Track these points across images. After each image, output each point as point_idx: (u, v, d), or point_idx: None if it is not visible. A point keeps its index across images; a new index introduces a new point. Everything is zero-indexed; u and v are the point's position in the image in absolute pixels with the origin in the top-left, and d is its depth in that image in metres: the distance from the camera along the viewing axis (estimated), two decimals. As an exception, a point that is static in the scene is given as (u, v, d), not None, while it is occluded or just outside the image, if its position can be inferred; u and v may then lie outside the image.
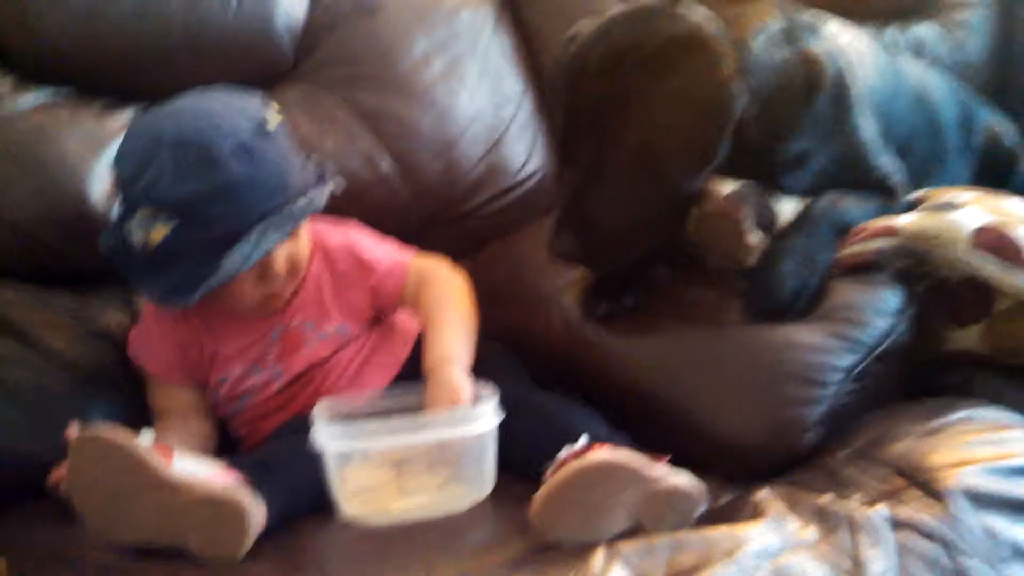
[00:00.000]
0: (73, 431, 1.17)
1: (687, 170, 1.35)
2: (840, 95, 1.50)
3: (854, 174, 1.52)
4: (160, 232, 1.25)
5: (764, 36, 1.44)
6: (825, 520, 1.14)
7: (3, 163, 1.48)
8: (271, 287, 1.34)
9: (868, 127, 1.54)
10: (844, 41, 1.59)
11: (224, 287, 1.29)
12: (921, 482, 1.18)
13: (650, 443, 1.21)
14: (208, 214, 1.24)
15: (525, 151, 1.86)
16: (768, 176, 1.46)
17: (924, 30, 2.15)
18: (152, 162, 1.25)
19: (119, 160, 1.31)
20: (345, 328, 1.41)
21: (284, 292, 1.37)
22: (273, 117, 1.34)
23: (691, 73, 1.32)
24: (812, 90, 1.46)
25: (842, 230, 1.44)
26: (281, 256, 1.32)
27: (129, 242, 1.29)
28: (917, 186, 1.62)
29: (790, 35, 1.48)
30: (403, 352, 1.43)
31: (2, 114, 1.51)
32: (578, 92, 1.38)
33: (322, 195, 1.35)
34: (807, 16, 1.57)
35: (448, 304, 1.41)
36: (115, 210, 1.33)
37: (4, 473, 1.32)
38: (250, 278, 1.32)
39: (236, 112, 1.32)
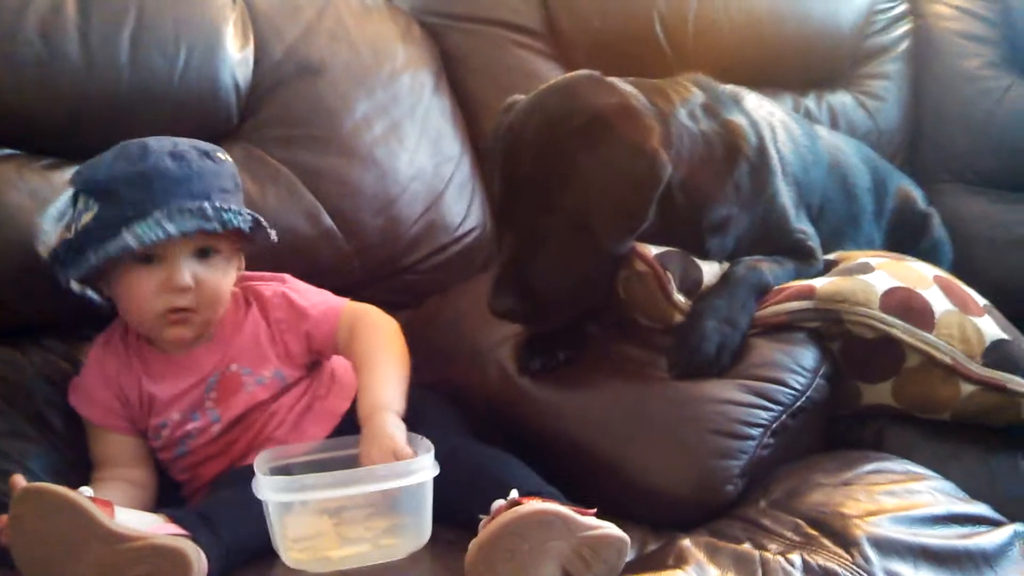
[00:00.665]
0: (17, 482, 1.20)
1: (617, 234, 1.43)
2: (760, 163, 1.59)
3: (773, 237, 1.61)
4: (87, 217, 1.37)
5: (687, 108, 1.53)
6: (743, 567, 1.20)
7: (-55, 218, 1.49)
8: (172, 300, 1.37)
9: (786, 192, 1.64)
10: (763, 112, 1.69)
11: (129, 285, 1.37)
12: (833, 531, 1.25)
13: (581, 493, 1.27)
14: (123, 195, 1.35)
15: (463, 209, 1.93)
16: (693, 241, 1.54)
17: (839, 99, 2.27)
18: (100, 159, 1.41)
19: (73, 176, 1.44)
20: (281, 373, 1.45)
21: (189, 316, 1.39)
22: (223, 154, 1.46)
23: (620, 143, 1.40)
24: (734, 159, 1.55)
25: (762, 291, 1.52)
26: (186, 270, 1.37)
27: (67, 238, 1.41)
28: (832, 248, 1.71)
29: (712, 107, 1.57)
30: (343, 404, 1.46)
31: (-53, 170, 1.53)
32: (514, 160, 1.45)
33: (242, 217, 1.40)
34: (727, 89, 1.67)
35: (380, 348, 1.45)
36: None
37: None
38: (153, 281, 1.37)
39: (187, 139, 1.45)
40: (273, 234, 1.47)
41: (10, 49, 1.58)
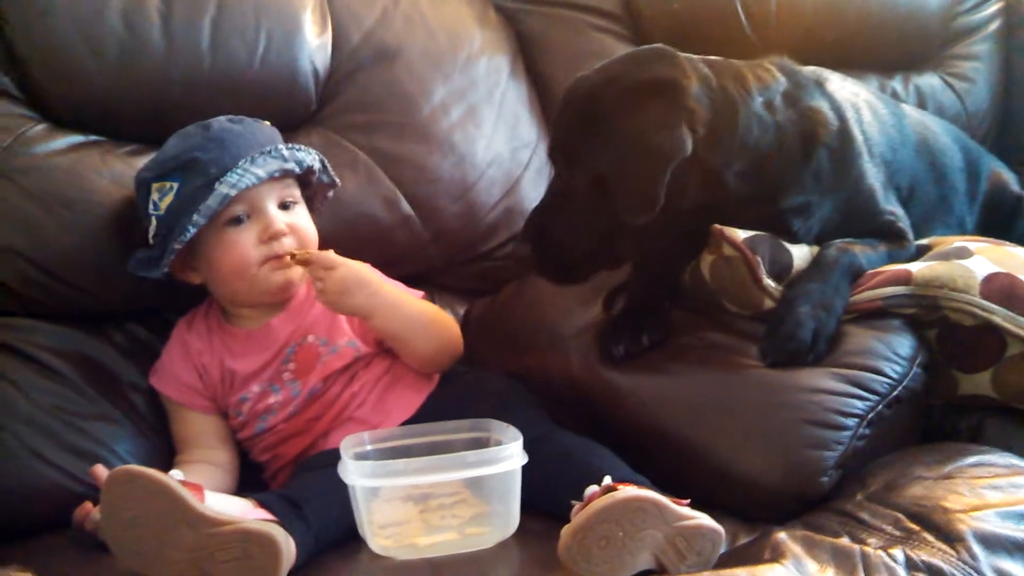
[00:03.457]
0: (99, 472, 1.24)
1: (631, 205, 1.38)
2: (842, 147, 1.53)
3: (862, 220, 1.55)
4: (168, 198, 1.41)
5: (765, 97, 1.47)
6: (843, 562, 1.16)
7: (31, 204, 1.51)
8: (273, 248, 1.43)
9: (873, 174, 1.57)
10: (847, 93, 1.63)
11: (227, 246, 1.42)
12: (936, 526, 1.20)
13: (667, 483, 1.24)
14: (202, 159, 1.41)
15: (541, 195, 1.89)
16: (777, 223, 1.49)
17: (927, 81, 2.20)
18: (160, 151, 1.48)
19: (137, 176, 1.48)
20: (355, 343, 1.47)
21: (291, 268, 1.44)
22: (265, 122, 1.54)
23: (649, 117, 1.37)
24: (811, 148, 1.49)
25: (855, 274, 1.47)
26: (279, 216, 1.44)
27: (149, 239, 1.44)
28: (924, 231, 1.65)
29: (793, 94, 1.51)
30: (428, 385, 1.47)
31: (34, 158, 1.54)
32: (565, 111, 1.46)
33: (312, 155, 1.49)
34: (810, 72, 1.60)
35: (433, 308, 1.53)
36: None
37: (32, 501, 1.36)
38: (251, 235, 1.42)
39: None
40: (337, 180, 1.57)
41: (94, 36, 1.59)
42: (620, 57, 1.49)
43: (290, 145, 1.48)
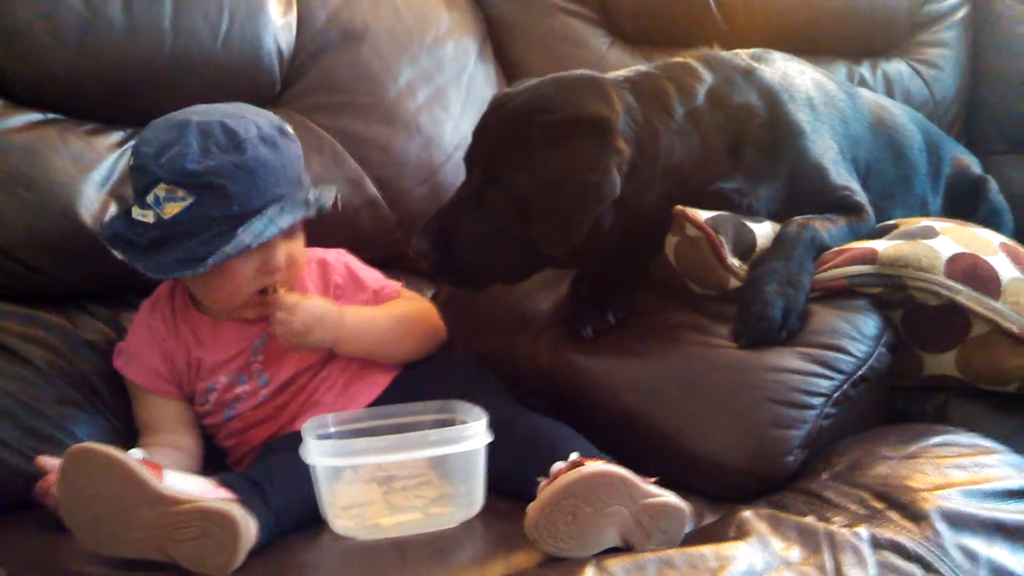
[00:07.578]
0: (42, 461, 1.23)
1: (550, 235, 1.39)
2: (775, 135, 1.52)
3: (815, 197, 1.54)
4: (175, 207, 1.31)
5: (688, 106, 1.47)
6: (808, 540, 1.16)
7: (-9, 185, 1.48)
8: (267, 279, 1.37)
9: (820, 151, 1.56)
10: (792, 71, 1.62)
11: (226, 273, 1.34)
12: (900, 504, 1.20)
13: (633, 465, 1.22)
14: (228, 189, 1.30)
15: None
16: (717, 202, 1.49)
17: (895, 68, 2.21)
18: (178, 141, 1.32)
19: (142, 142, 1.35)
20: None
21: (276, 296, 1.39)
22: (289, 127, 1.42)
23: (580, 154, 1.37)
24: (737, 148, 1.49)
25: (818, 248, 1.46)
26: (282, 251, 1.37)
27: (136, 221, 1.34)
28: (885, 209, 1.65)
29: (719, 94, 1.50)
30: (393, 370, 1.45)
31: (-9, 137, 1.51)
32: (489, 126, 1.45)
33: (329, 194, 1.42)
34: (742, 59, 1.59)
35: (406, 311, 1.48)
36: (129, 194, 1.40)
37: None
38: (251, 266, 1.36)
39: (258, 112, 1.41)
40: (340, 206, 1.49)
41: (52, 13, 1.56)
42: (549, 81, 1.48)
43: (317, 187, 1.41)
